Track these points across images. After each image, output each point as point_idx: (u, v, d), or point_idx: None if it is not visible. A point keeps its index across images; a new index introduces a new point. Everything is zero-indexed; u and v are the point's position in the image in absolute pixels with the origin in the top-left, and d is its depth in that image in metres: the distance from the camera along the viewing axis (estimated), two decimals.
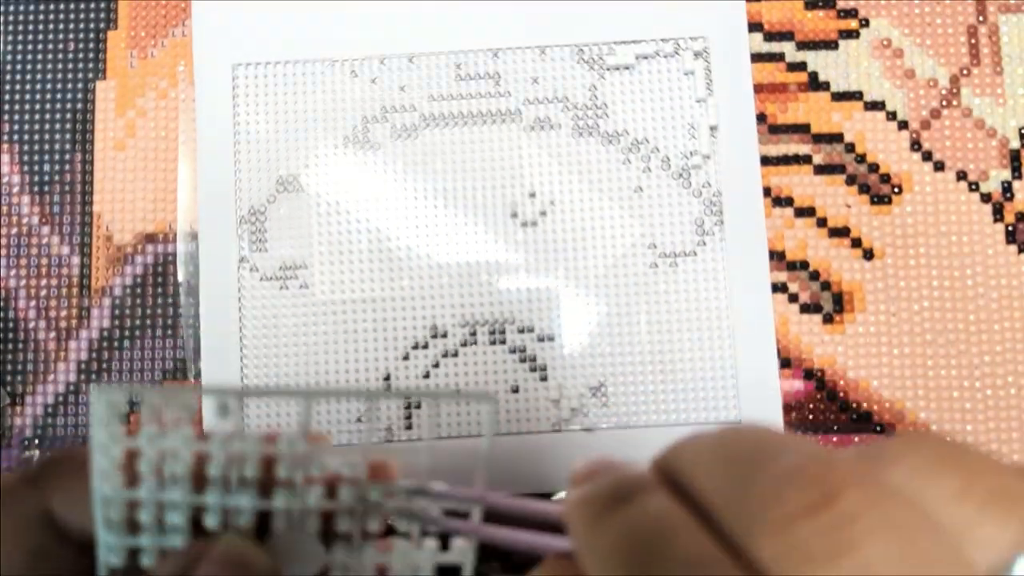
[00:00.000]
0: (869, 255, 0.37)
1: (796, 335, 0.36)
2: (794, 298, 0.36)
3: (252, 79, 0.37)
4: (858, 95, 0.38)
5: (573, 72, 0.37)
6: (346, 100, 0.37)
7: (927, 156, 0.37)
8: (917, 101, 0.38)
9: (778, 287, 0.36)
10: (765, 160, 0.37)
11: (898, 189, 0.37)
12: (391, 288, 0.36)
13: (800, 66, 0.38)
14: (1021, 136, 0.37)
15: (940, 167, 0.37)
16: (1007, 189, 0.37)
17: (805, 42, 0.38)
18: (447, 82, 0.37)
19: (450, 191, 0.37)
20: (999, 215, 0.37)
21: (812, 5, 0.38)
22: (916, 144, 0.37)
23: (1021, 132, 0.37)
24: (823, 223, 0.37)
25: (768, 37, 0.38)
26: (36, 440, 0.37)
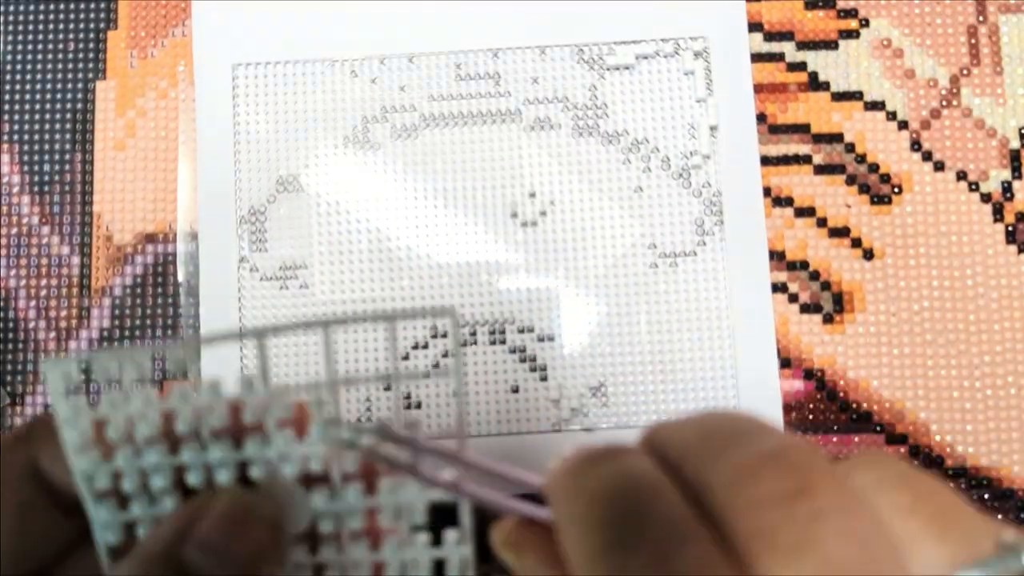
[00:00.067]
0: (869, 255, 0.37)
1: (796, 335, 0.36)
2: (794, 298, 0.36)
3: (252, 79, 0.37)
4: (858, 95, 0.38)
5: (573, 72, 0.37)
6: (346, 100, 0.37)
7: (927, 156, 0.37)
8: (917, 101, 0.38)
9: (778, 287, 0.36)
10: (765, 160, 0.37)
11: (898, 189, 0.37)
12: (391, 288, 0.36)
13: (800, 66, 0.38)
14: (1021, 136, 0.37)
15: (940, 167, 0.37)
16: (1007, 189, 0.37)
17: (805, 42, 0.38)
18: (447, 82, 0.37)
19: (450, 191, 0.37)
20: (999, 215, 0.37)
21: (812, 5, 0.38)
22: (916, 144, 0.37)
23: (1021, 132, 0.37)
24: (823, 223, 0.37)
25: (768, 37, 0.38)
26: None
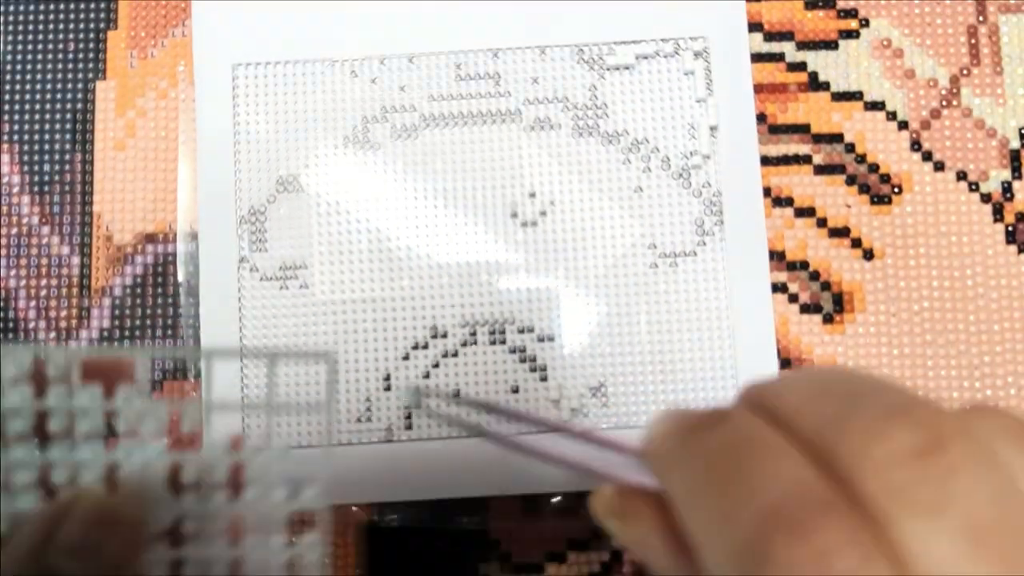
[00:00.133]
0: (869, 255, 0.37)
1: (796, 335, 0.36)
2: (794, 298, 0.36)
3: (252, 79, 0.37)
4: (858, 95, 0.38)
5: (573, 72, 0.37)
6: (346, 100, 0.37)
7: (927, 156, 0.37)
8: (917, 101, 0.38)
9: (778, 287, 0.36)
10: (765, 160, 0.37)
11: (898, 189, 0.37)
12: (391, 288, 0.36)
13: (800, 66, 0.38)
14: (1021, 136, 0.37)
15: (940, 167, 0.37)
16: (1007, 189, 0.37)
17: (805, 42, 0.38)
18: (447, 82, 0.37)
19: (450, 191, 0.37)
20: (999, 215, 0.37)
21: (812, 5, 0.38)
22: (916, 144, 0.37)
23: (1021, 132, 0.37)
24: (823, 223, 0.37)
25: (768, 37, 0.38)
26: None
